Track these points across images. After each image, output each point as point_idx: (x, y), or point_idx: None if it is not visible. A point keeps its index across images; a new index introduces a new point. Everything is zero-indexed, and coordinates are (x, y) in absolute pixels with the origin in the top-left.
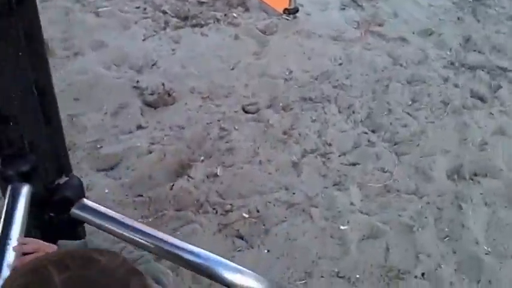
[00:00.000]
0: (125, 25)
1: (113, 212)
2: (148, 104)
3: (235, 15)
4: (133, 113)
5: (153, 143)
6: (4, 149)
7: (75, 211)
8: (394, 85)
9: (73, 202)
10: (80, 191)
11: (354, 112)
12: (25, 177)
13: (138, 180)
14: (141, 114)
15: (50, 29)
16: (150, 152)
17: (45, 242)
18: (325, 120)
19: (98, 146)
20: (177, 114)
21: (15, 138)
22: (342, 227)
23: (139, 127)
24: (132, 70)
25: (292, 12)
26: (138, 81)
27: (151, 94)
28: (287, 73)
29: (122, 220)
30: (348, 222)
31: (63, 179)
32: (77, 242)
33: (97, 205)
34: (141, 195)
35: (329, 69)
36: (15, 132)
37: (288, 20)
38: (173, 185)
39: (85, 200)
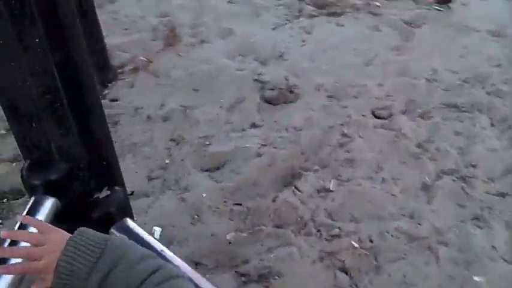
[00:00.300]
0: (256, 12)
1: (154, 241)
2: (267, 100)
3: (378, 3)
4: (249, 109)
5: (264, 145)
6: (31, 153)
7: (113, 231)
8: None
9: (114, 221)
10: (124, 209)
11: (510, 127)
12: (52, 189)
13: (240, 185)
14: (258, 111)
15: (181, 15)
16: (260, 155)
17: (50, 226)
18: (472, 134)
19: (207, 143)
20: (297, 114)
21: (40, 142)
22: (476, 278)
23: (253, 125)
24: (257, 61)
25: (446, 1)
26: (260, 74)
27: (272, 89)
28: (430, 73)
29: (160, 252)
30: (485, 272)
31: (104, 193)
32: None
33: (140, 230)
34: (240, 204)
35: (484, 71)
36: (39, 134)
37: (440, 10)
38: (277, 196)
39: (128, 221)
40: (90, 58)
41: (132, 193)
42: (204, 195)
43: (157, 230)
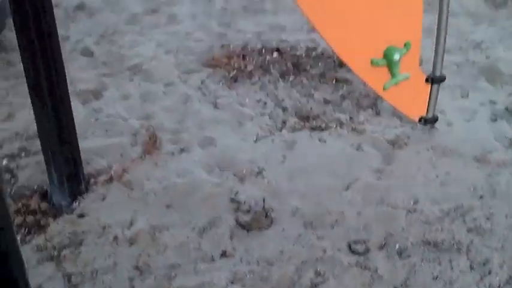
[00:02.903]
0: (240, 121)
1: None
2: (241, 225)
3: (362, 119)
4: (222, 234)
5: (232, 282)
6: None
7: None
8: None
9: None
10: None
11: (490, 272)
12: None
13: None
14: (230, 237)
15: (164, 118)
16: None
17: None
18: (451, 279)
19: (173, 275)
20: (270, 244)
21: None
22: None
23: (224, 254)
24: (235, 177)
25: (429, 121)
26: (237, 193)
27: (248, 211)
28: (411, 203)
29: None
30: None
31: None
32: None
33: None
34: None
35: (465, 204)
36: None
37: (423, 130)
38: None
39: None
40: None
41: None
42: None
43: None
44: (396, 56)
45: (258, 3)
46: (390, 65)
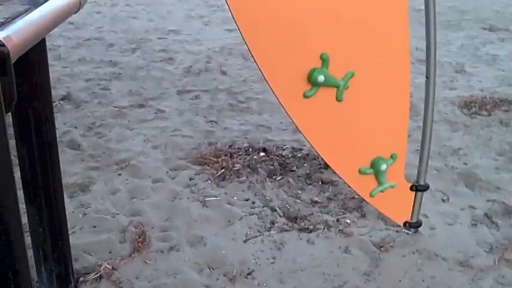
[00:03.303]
0: (229, 220)
1: None
2: None
3: (348, 221)
4: None
5: None
6: None
7: None
8: None
9: None
10: None
11: None
12: None
13: None
14: None
15: (153, 216)
16: None
17: None
18: None
19: None
20: None
21: None
22: None
23: None
24: (226, 278)
25: (413, 226)
26: None
27: None
28: None
29: None
30: None
31: None
32: None
33: None
34: None
35: None
36: None
37: (408, 233)
38: None
39: None
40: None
41: None
42: None
43: None
44: (383, 167)
45: (244, 102)
46: (377, 174)
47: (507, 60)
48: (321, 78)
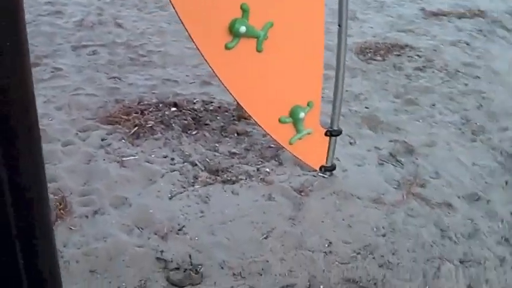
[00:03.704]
0: (150, 179)
1: None
2: (174, 283)
3: (268, 170)
4: None
5: None
6: None
7: None
8: (446, 266)
9: None
10: None
11: None
12: None
13: None
14: None
15: (70, 180)
16: None
17: None
18: None
19: None
20: None
21: None
22: None
23: None
24: (157, 236)
25: (328, 169)
26: (162, 252)
27: (177, 269)
28: (326, 245)
29: None
30: None
31: None
32: None
33: None
34: None
35: (372, 242)
36: None
37: (324, 177)
38: None
39: None
40: None
41: None
42: None
43: None
44: (301, 115)
45: (145, 56)
46: (296, 122)
47: (394, 7)
48: (243, 28)
